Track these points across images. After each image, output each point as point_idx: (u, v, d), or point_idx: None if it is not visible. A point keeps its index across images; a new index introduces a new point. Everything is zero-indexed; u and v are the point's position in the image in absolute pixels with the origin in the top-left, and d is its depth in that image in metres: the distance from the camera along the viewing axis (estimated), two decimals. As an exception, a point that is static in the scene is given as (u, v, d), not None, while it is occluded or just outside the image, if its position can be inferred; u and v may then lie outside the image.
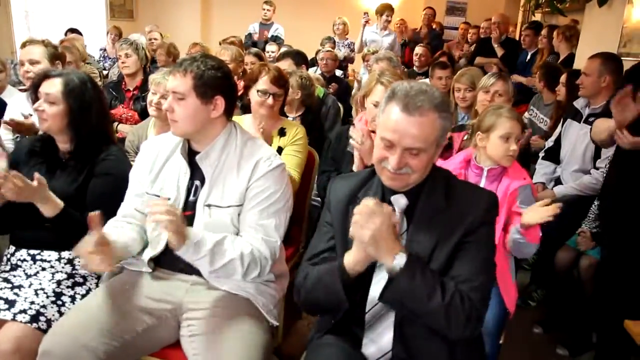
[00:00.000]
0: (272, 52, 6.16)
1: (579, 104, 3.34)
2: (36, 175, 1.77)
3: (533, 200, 2.06)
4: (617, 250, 2.52)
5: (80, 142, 1.98)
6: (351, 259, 1.45)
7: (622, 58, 3.40)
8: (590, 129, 2.84)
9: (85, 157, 1.98)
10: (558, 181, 3.37)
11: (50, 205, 1.83)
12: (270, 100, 2.60)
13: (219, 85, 1.74)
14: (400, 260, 1.38)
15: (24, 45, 2.83)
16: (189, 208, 1.80)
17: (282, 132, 2.66)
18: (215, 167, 1.78)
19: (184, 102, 1.73)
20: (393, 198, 1.54)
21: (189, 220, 1.77)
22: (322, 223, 1.68)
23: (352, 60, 6.68)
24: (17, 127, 2.63)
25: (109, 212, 1.86)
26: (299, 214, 2.64)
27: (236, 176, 1.78)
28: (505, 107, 2.19)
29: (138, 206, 1.85)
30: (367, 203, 1.39)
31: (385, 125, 1.47)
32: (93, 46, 6.87)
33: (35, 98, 1.99)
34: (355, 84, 5.78)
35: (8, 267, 1.94)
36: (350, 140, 2.34)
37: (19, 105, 2.85)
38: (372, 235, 1.36)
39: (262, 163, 1.78)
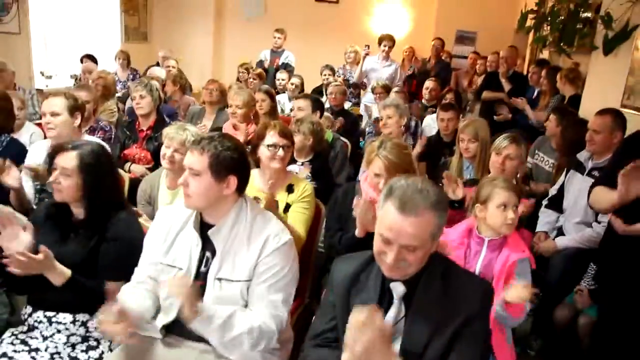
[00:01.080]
0: (283, 79, 6.29)
1: (582, 156, 3.39)
2: (42, 247, 1.86)
3: (529, 274, 2.14)
4: (614, 310, 2.56)
5: (93, 211, 2.09)
6: None
7: (625, 110, 3.47)
8: (591, 189, 2.88)
9: (97, 224, 2.08)
10: (560, 230, 3.42)
11: (58, 275, 1.92)
12: (281, 152, 2.69)
13: (234, 165, 1.84)
14: None
15: (46, 96, 2.94)
16: (201, 278, 1.89)
17: (290, 189, 2.75)
18: (226, 241, 1.88)
19: (198, 179, 1.83)
20: (392, 285, 1.62)
21: (200, 290, 1.86)
22: (325, 303, 1.76)
23: (364, 87, 6.76)
24: (34, 174, 2.75)
25: (120, 275, 1.99)
26: (305, 265, 2.71)
27: (246, 251, 1.87)
28: (500, 178, 2.28)
29: (151, 274, 1.95)
30: (358, 317, 1.39)
31: (382, 223, 1.54)
32: (108, 70, 7.01)
33: (50, 167, 2.10)
34: (364, 116, 5.91)
35: (25, 328, 2.04)
36: (354, 212, 2.40)
37: (39, 152, 2.97)
38: (365, 349, 1.36)
39: (271, 240, 1.87)
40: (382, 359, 1.37)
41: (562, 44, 4.63)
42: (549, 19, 4.54)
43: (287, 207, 2.72)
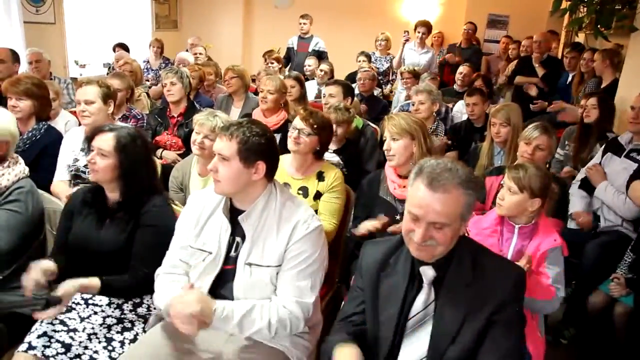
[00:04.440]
0: (310, 65, 6.28)
1: (623, 139, 3.32)
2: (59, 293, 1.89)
3: (562, 262, 2.10)
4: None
5: (128, 194, 2.13)
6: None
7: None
8: (629, 181, 2.80)
9: (132, 209, 2.12)
10: (595, 215, 3.35)
11: (89, 290, 1.98)
12: (296, 134, 2.69)
13: (262, 151, 1.85)
14: None
15: (80, 85, 3.01)
16: (230, 263, 1.92)
17: (320, 176, 2.75)
18: (256, 227, 1.89)
19: (227, 164, 1.84)
20: (421, 269, 1.62)
21: (230, 274, 1.91)
22: (354, 287, 1.77)
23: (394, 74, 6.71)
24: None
25: (155, 261, 2.02)
26: (334, 250, 2.73)
27: (275, 237, 1.88)
28: (519, 164, 2.27)
29: (183, 257, 1.98)
30: None
31: (411, 200, 1.56)
32: (139, 58, 7.12)
33: (88, 150, 2.15)
34: (394, 102, 5.86)
35: (64, 309, 2.09)
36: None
37: (74, 139, 3.04)
38: None
39: (300, 226, 1.87)
40: None
41: (598, 26, 4.49)
42: (585, 0, 4.39)
43: (318, 194, 2.73)
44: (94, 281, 1.98)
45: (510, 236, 2.19)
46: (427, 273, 1.61)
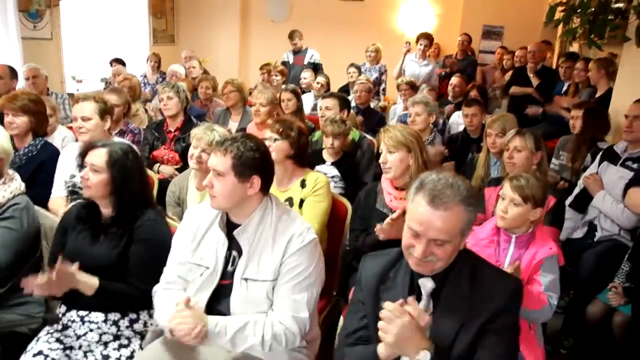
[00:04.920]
0: (305, 78, 6.32)
1: (618, 147, 3.33)
2: (58, 266, 1.89)
3: (557, 271, 2.11)
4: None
5: (122, 208, 2.14)
6: (382, 353, 1.53)
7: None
8: (626, 189, 2.81)
9: (125, 223, 2.12)
10: (591, 226, 3.35)
11: (87, 286, 1.98)
12: (268, 143, 2.65)
13: (257, 165, 1.86)
14: (423, 358, 1.46)
15: (76, 100, 3.02)
16: (227, 277, 1.92)
17: (302, 184, 2.76)
18: (252, 241, 1.89)
19: (222, 179, 1.85)
20: (420, 281, 1.62)
21: (227, 289, 1.90)
22: (355, 301, 1.77)
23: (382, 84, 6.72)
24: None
25: (149, 275, 2.03)
26: (332, 263, 2.73)
27: (271, 251, 1.88)
28: (520, 175, 2.25)
29: (181, 273, 1.98)
30: (388, 308, 1.48)
31: (412, 216, 1.55)
32: (136, 73, 7.14)
33: (81, 165, 2.16)
34: (390, 115, 5.87)
35: (60, 327, 2.09)
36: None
37: (70, 155, 3.04)
38: (395, 340, 1.45)
39: (295, 239, 1.88)
40: (413, 345, 1.45)
41: (592, 36, 4.52)
42: (579, 10, 4.43)
43: (302, 202, 2.73)
44: (93, 279, 1.99)
45: (507, 246, 2.20)
46: (426, 285, 1.61)
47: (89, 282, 1.99)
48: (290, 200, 2.74)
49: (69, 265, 1.90)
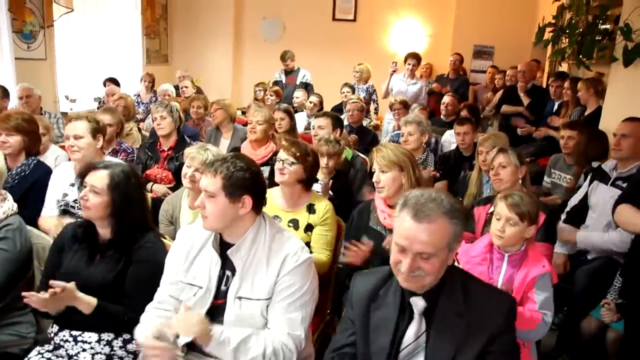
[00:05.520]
0: (298, 97, 6.37)
1: (607, 166, 3.36)
2: (60, 284, 1.90)
3: (551, 288, 2.11)
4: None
5: (120, 231, 2.12)
6: None
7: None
8: (615, 205, 2.83)
9: (123, 246, 2.11)
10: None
11: (84, 304, 1.97)
12: (280, 166, 2.70)
13: (247, 185, 1.86)
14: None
15: (69, 120, 3.02)
16: (220, 297, 1.91)
17: (310, 209, 2.75)
18: (245, 260, 1.89)
19: (213, 200, 1.85)
20: (412, 300, 1.62)
21: (220, 308, 1.90)
22: (345, 318, 1.77)
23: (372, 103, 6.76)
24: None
25: (147, 297, 2.01)
26: (325, 281, 2.73)
27: (265, 270, 1.88)
28: (513, 193, 2.25)
29: (173, 293, 1.97)
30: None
31: (398, 232, 1.57)
32: (130, 92, 7.17)
33: (81, 186, 2.15)
34: (383, 133, 5.92)
35: (51, 347, 2.07)
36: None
37: (63, 174, 3.04)
38: None
39: (290, 258, 1.88)
40: None
41: (580, 57, 4.60)
42: (567, 31, 4.51)
43: (309, 227, 2.73)
44: (92, 299, 1.98)
45: (500, 264, 2.20)
46: (418, 304, 1.62)
47: (88, 301, 1.98)
48: (295, 222, 2.74)
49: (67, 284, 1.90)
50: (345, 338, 1.74)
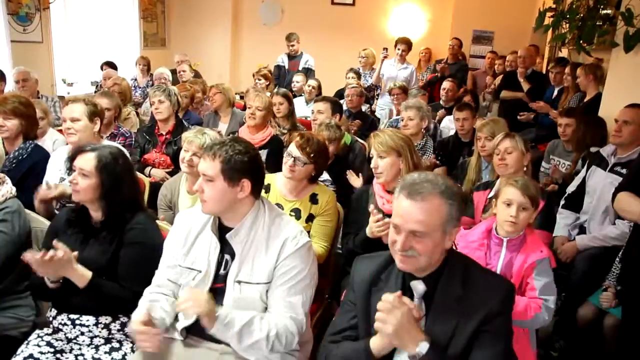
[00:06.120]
0: (298, 82, 6.33)
1: (605, 151, 3.35)
2: (60, 245, 1.90)
3: (550, 273, 2.11)
4: (639, 311, 2.52)
5: (111, 212, 2.12)
6: (377, 345, 1.57)
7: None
8: (615, 193, 2.83)
9: (115, 227, 2.11)
10: (582, 229, 3.37)
11: (79, 277, 1.96)
12: (290, 162, 2.63)
13: (246, 168, 1.85)
14: (422, 348, 1.50)
15: (66, 103, 3.00)
16: (220, 281, 1.91)
17: (313, 199, 2.72)
18: (244, 244, 1.89)
19: (212, 184, 1.85)
20: (412, 284, 1.63)
21: (219, 292, 1.90)
22: (346, 302, 1.77)
23: (378, 89, 6.77)
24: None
25: (140, 278, 2.02)
26: (324, 266, 2.73)
27: (265, 254, 1.88)
28: (517, 177, 2.24)
29: (171, 277, 1.97)
30: (388, 298, 1.51)
31: (395, 212, 1.60)
32: (127, 76, 7.12)
33: (70, 169, 2.15)
34: (381, 119, 5.90)
35: (50, 330, 2.08)
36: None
37: (61, 157, 3.02)
38: (394, 330, 1.49)
39: (290, 242, 1.88)
40: (411, 336, 1.52)
41: (581, 42, 4.56)
42: (568, 16, 4.47)
43: (310, 217, 2.71)
44: (87, 272, 1.98)
45: (499, 249, 2.20)
46: (418, 288, 1.62)
47: (83, 273, 1.97)
48: (297, 212, 2.71)
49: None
50: (346, 321, 1.74)
